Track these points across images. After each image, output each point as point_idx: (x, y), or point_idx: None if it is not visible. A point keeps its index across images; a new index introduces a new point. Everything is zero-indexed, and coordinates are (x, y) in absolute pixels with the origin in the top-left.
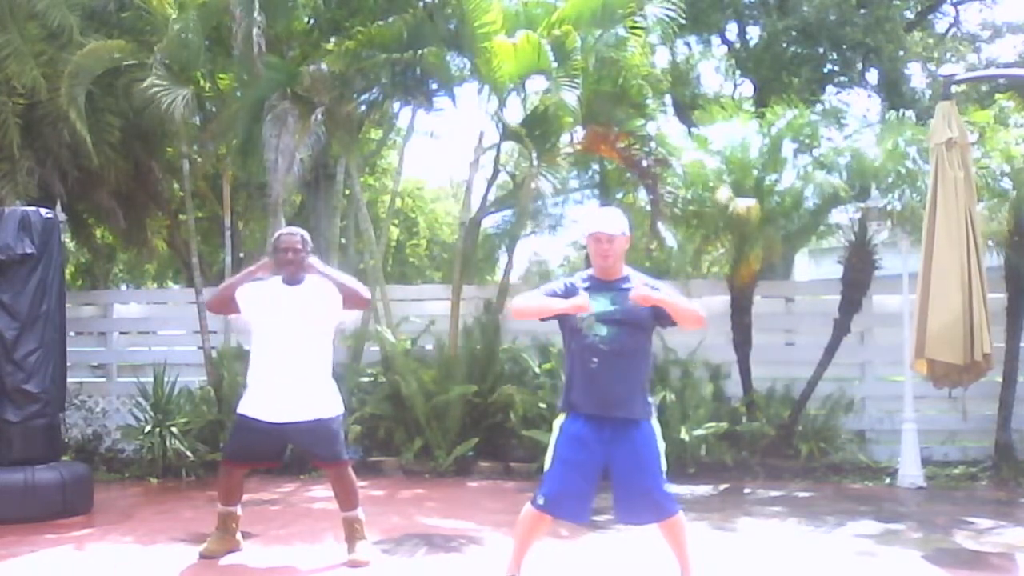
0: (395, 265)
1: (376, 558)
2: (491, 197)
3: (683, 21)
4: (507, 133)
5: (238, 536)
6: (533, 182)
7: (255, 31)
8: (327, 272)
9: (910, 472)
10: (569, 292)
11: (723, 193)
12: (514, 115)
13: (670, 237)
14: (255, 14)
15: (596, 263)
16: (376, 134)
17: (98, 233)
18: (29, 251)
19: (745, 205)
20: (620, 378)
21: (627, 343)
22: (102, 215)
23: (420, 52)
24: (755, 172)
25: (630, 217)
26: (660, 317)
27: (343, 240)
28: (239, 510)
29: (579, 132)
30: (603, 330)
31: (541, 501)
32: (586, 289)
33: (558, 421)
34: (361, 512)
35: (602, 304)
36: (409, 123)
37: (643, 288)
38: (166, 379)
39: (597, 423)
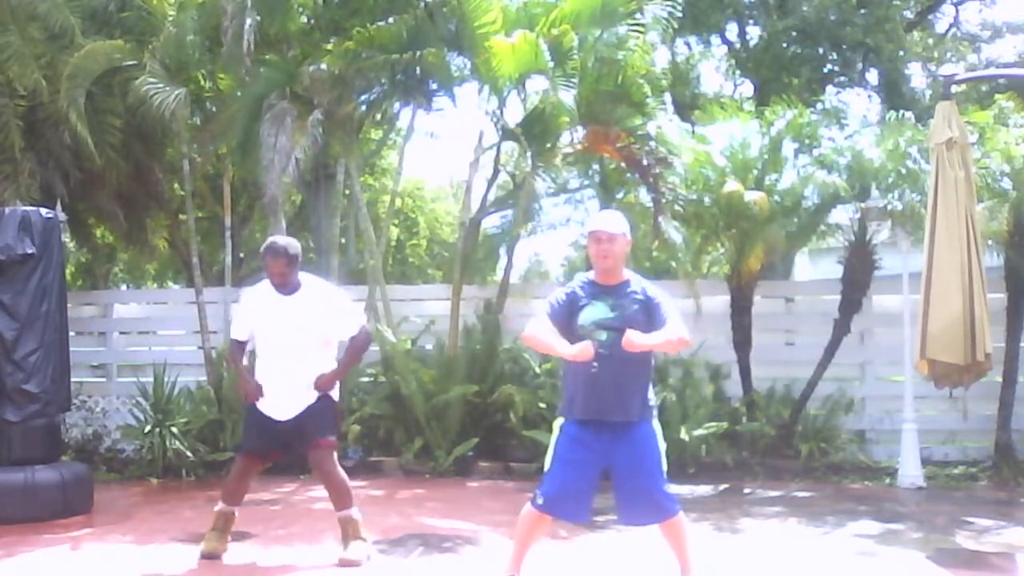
0: (395, 265)
1: (375, 558)
2: (491, 197)
3: (680, 15)
4: (506, 133)
5: (228, 536)
6: (531, 182)
7: (246, 30)
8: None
9: (910, 472)
10: (569, 303)
11: (732, 185)
12: (514, 115)
13: (674, 233)
14: (246, 12)
15: (596, 264)
16: (376, 134)
17: (98, 233)
18: (29, 251)
19: (754, 197)
20: (621, 383)
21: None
22: (103, 215)
23: (420, 52)
24: (755, 172)
25: (631, 217)
26: (656, 324)
27: (343, 240)
28: (237, 511)
29: (579, 132)
30: (603, 335)
31: (541, 501)
32: (585, 296)
33: (558, 422)
34: (356, 512)
35: (601, 311)
36: (409, 123)
37: (633, 336)
38: (166, 379)
39: (596, 426)
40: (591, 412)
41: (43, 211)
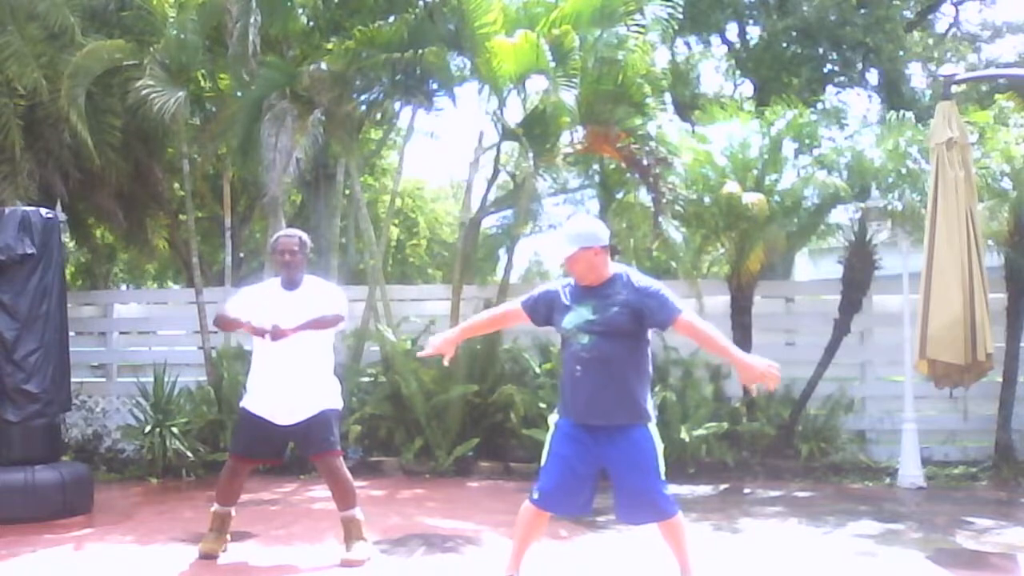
0: (395, 265)
1: (375, 558)
2: (491, 197)
3: (680, 16)
4: (506, 133)
5: (227, 537)
6: (531, 182)
7: (251, 30)
8: (301, 326)
9: (910, 472)
10: (549, 302)
11: (731, 186)
12: (514, 115)
13: (674, 233)
14: (251, 14)
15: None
16: (376, 134)
17: (98, 233)
18: (29, 251)
19: (752, 199)
20: (603, 386)
21: (608, 351)
22: (103, 215)
23: (420, 52)
24: (755, 172)
25: (630, 218)
26: (647, 322)
27: (343, 240)
28: (234, 511)
29: (579, 132)
30: (584, 339)
31: (536, 496)
32: (569, 300)
33: (553, 418)
34: (359, 512)
35: (583, 314)
36: (409, 123)
37: (748, 372)
38: (166, 379)
39: (587, 427)
40: (575, 414)
41: (43, 211)
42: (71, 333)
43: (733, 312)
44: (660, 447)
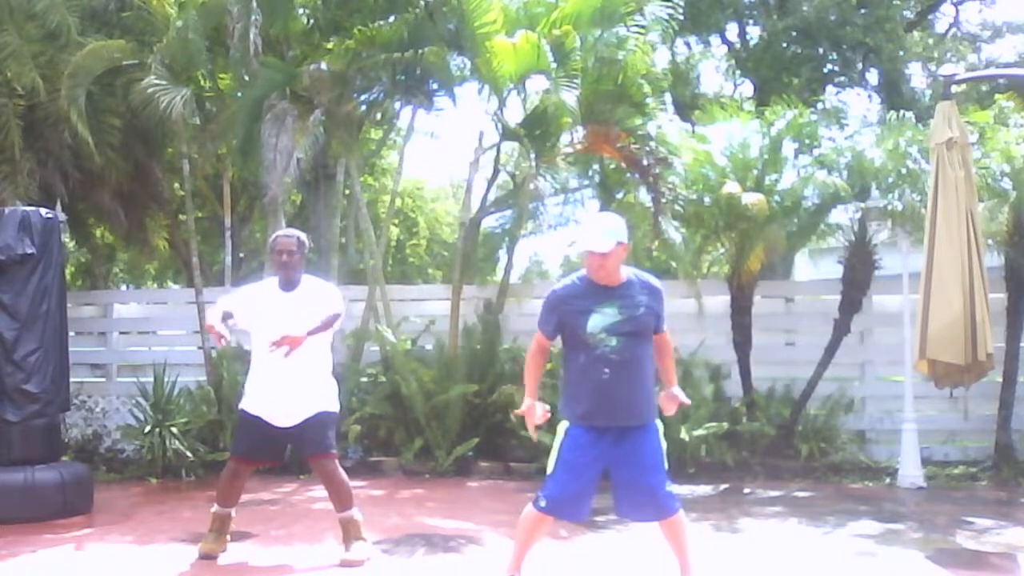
0: (395, 265)
1: (376, 558)
2: (491, 197)
3: (680, 16)
4: (507, 133)
5: (227, 537)
6: (532, 182)
7: (252, 30)
8: (311, 331)
9: (910, 472)
10: (557, 312)
11: (731, 187)
12: (514, 115)
13: (674, 233)
14: (252, 15)
15: (592, 274)
16: (376, 134)
17: (98, 233)
18: (29, 251)
19: (752, 199)
20: (631, 386)
21: (634, 351)
22: (103, 215)
23: (420, 52)
24: (755, 172)
25: (631, 218)
26: (658, 323)
27: (343, 240)
28: (234, 512)
29: (580, 132)
30: (613, 341)
31: (543, 503)
32: (589, 301)
33: (563, 425)
34: (357, 512)
35: (609, 316)
36: (409, 123)
37: (673, 401)
38: (166, 379)
39: (602, 429)
40: (602, 418)
41: (43, 211)
42: (71, 333)
43: (733, 312)
44: (664, 444)
